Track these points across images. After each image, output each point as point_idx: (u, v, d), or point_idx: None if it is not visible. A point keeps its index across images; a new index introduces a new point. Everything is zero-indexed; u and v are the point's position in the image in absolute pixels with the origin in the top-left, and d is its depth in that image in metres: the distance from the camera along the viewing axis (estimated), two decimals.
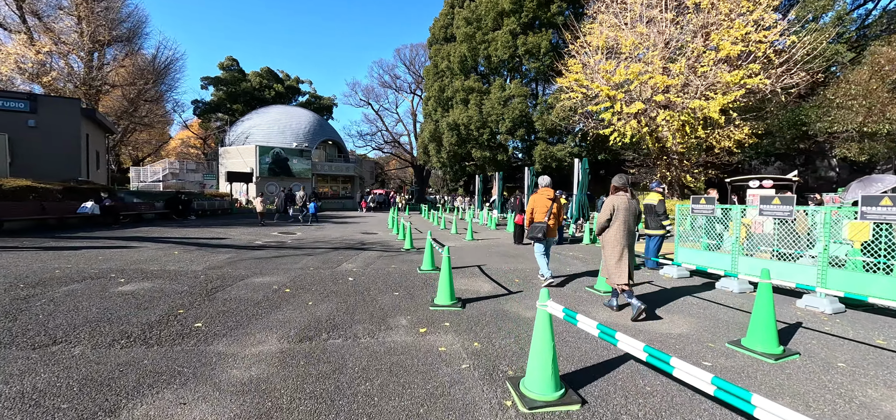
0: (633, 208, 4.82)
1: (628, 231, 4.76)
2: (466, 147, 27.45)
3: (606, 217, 4.79)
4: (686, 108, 16.64)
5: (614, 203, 4.77)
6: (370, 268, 7.79)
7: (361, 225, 19.32)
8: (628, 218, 4.76)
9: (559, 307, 2.68)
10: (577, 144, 24.52)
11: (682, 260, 7.41)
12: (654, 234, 8.10)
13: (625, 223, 4.73)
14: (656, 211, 8.00)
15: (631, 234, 4.81)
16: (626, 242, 4.72)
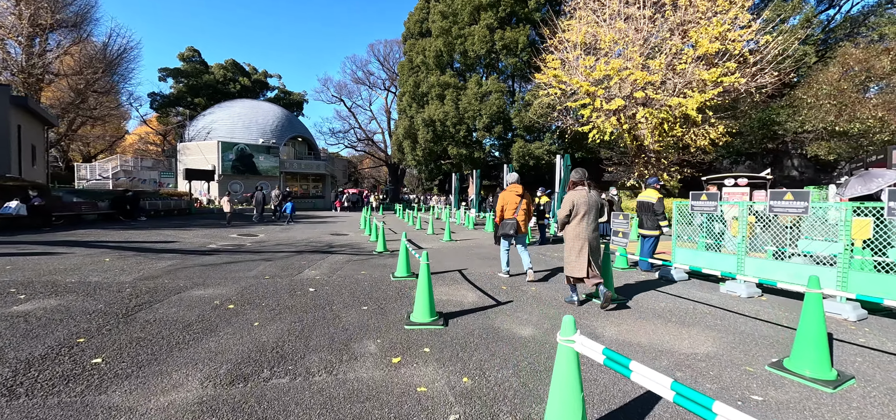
0: (592, 202, 4.83)
1: (589, 225, 4.77)
2: (442, 144, 26.60)
3: (566, 213, 4.86)
4: (665, 105, 16.43)
5: (573, 198, 4.81)
6: (336, 275, 6.81)
7: (332, 225, 18.15)
8: (588, 212, 4.77)
9: (595, 346, 1.86)
10: (554, 142, 24.15)
11: (681, 261, 6.83)
12: (650, 233, 7.51)
13: (585, 218, 4.76)
14: (655, 210, 7.40)
15: (593, 229, 4.80)
16: (587, 236, 4.73)
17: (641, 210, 7.65)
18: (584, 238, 4.73)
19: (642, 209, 7.63)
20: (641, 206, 7.64)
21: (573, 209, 4.81)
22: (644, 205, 7.58)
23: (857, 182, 6.94)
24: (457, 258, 8.86)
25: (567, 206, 4.85)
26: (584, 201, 4.78)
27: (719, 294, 5.82)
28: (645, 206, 7.58)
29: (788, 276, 5.36)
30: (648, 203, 7.52)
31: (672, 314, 4.76)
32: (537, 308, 4.92)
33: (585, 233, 4.73)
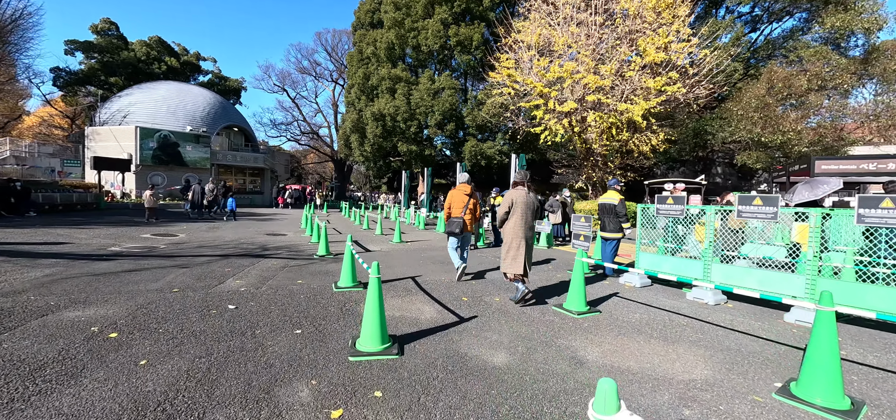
0: (530, 202, 5.04)
1: (526, 224, 4.98)
2: (392, 140, 25.48)
3: (505, 210, 5.00)
4: (614, 110, 16.78)
5: (512, 197, 4.98)
6: (267, 286, 5.72)
7: (270, 223, 16.49)
8: (526, 211, 4.97)
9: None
10: (506, 142, 24.07)
11: (645, 266, 6.57)
12: (611, 236, 7.21)
13: (523, 217, 4.95)
14: (617, 211, 7.11)
15: (529, 227, 5.03)
16: (524, 235, 4.93)
17: (603, 212, 7.34)
18: (522, 236, 4.93)
19: (604, 211, 7.32)
20: (603, 209, 7.34)
21: (512, 207, 4.98)
22: (606, 207, 7.28)
23: (804, 188, 7.11)
24: (409, 263, 8.05)
25: (506, 204, 5.03)
26: (523, 201, 4.97)
27: (687, 302, 5.56)
28: (607, 209, 7.27)
29: (758, 283, 5.19)
30: (610, 205, 7.22)
31: (651, 328, 4.33)
32: (506, 325, 4.27)
33: (523, 231, 4.94)
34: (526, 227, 4.97)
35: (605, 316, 4.74)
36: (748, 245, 7.70)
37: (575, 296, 4.87)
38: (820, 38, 21.13)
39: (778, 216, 5.08)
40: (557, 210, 12.75)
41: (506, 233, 5.08)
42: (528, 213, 5.00)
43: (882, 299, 4.26)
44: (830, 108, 16.12)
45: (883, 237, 4.59)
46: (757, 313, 5.01)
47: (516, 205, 4.97)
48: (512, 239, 4.98)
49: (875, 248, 5.74)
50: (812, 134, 16.69)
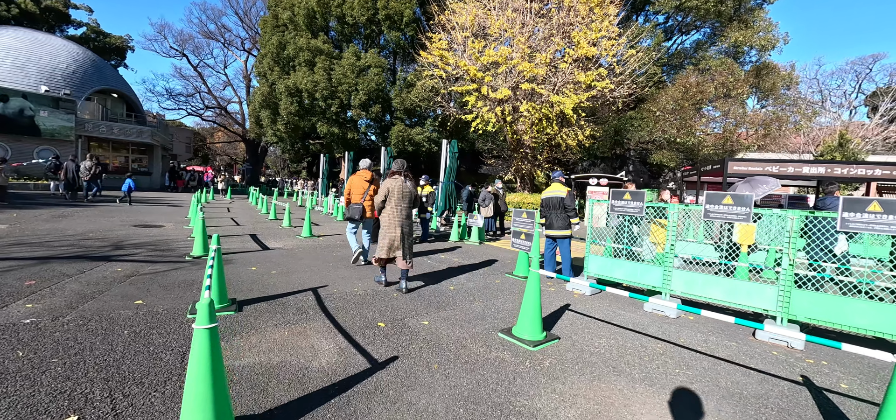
0: (406, 192, 5.13)
1: (402, 212, 5.07)
2: (310, 119, 22.70)
3: (381, 198, 5.06)
4: (546, 101, 16.40)
5: (389, 186, 5.05)
6: (78, 311, 3.73)
7: (150, 212, 13.34)
8: (401, 200, 5.07)
9: None
10: (435, 129, 22.82)
11: (596, 271, 5.72)
12: (561, 234, 6.26)
13: (398, 205, 5.04)
14: (566, 206, 6.17)
15: (405, 216, 5.10)
16: (399, 223, 5.01)
17: (549, 208, 6.37)
18: (397, 224, 5.01)
19: (550, 206, 6.35)
20: (549, 204, 6.37)
21: (387, 196, 5.05)
22: (552, 201, 6.32)
23: (745, 187, 6.85)
24: (315, 265, 6.38)
25: (382, 192, 5.07)
26: (398, 189, 5.06)
27: (648, 315, 4.75)
28: (553, 203, 6.31)
29: (724, 293, 4.52)
30: (558, 198, 6.28)
31: (625, 361, 3.32)
32: (440, 373, 2.94)
33: (397, 219, 5.03)
34: (401, 216, 5.05)
35: (566, 344, 3.66)
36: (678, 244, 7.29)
37: (528, 320, 3.72)
38: (721, 52, 23.06)
39: (741, 215, 4.41)
40: (490, 203, 11.80)
41: (382, 220, 5.13)
42: (404, 202, 5.10)
43: (866, 315, 3.71)
44: (734, 114, 17.46)
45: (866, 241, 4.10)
46: (725, 329, 4.32)
47: (391, 193, 5.03)
48: (386, 227, 5.05)
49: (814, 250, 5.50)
50: (716, 138, 17.96)
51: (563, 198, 6.23)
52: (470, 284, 5.81)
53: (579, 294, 5.70)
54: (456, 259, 7.84)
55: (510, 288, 5.74)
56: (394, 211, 5.04)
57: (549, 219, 6.38)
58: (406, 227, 5.10)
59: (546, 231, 6.46)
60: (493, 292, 5.43)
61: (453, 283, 5.83)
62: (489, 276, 6.41)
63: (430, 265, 7.05)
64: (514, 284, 5.97)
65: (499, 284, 5.90)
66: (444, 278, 6.06)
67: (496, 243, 10.64)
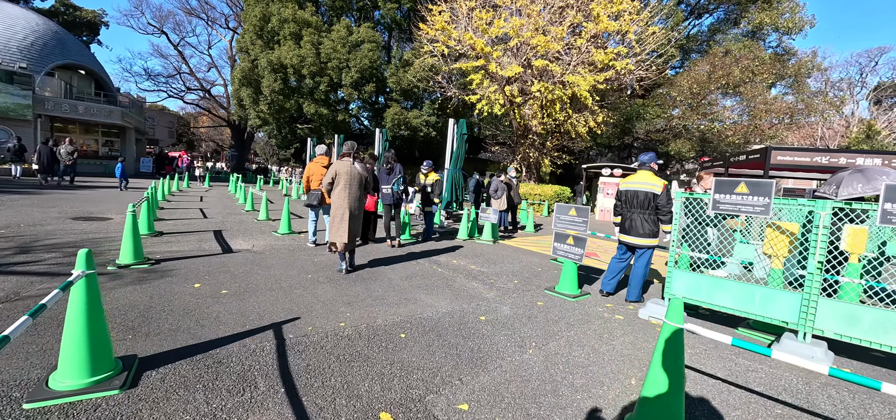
0: (355, 174, 5.00)
1: (351, 195, 4.92)
2: (296, 99, 20.59)
3: (328, 180, 4.93)
4: (559, 81, 14.67)
5: (336, 168, 4.94)
6: None
7: (104, 201, 11.41)
8: (350, 182, 4.93)
9: None
10: (434, 112, 20.96)
11: (682, 292, 4.06)
12: (646, 243, 4.55)
13: (346, 187, 4.91)
14: (659, 204, 4.46)
15: (355, 199, 4.98)
16: (348, 205, 4.89)
17: (631, 205, 4.62)
18: (346, 206, 4.87)
19: (634, 203, 4.60)
20: (632, 199, 4.60)
21: (335, 178, 4.92)
22: (639, 196, 4.55)
23: (856, 179, 5.23)
24: (286, 277, 4.63)
25: (329, 174, 4.94)
26: (346, 172, 4.93)
27: (785, 366, 3.11)
28: (641, 200, 4.54)
29: None
30: (648, 194, 4.52)
31: None
32: None
33: (347, 202, 4.88)
34: (351, 199, 4.93)
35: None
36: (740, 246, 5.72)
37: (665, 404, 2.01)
38: (742, 34, 21.48)
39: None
40: (502, 194, 10.09)
41: (332, 204, 5.00)
42: (354, 185, 4.98)
43: None
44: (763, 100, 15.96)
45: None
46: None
47: (339, 175, 4.92)
48: (335, 209, 4.94)
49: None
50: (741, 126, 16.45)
51: (656, 194, 4.47)
52: (505, 309, 4.12)
53: (656, 321, 4.06)
54: (472, 265, 6.14)
55: (563, 316, 4.06)
56: (342, 194, 4.91)
57: (629, 220, 4.63)
58: (356, 210, 5.00)
59: (622, 235, 4.73)
60: (544, 326, 3.75)
61: (482, 307, 4.13)
62: (526, 295, 4.71)
63: (443, 274, 5.34)
64: (564, 309, 4.29)
65: (544, 310, 4.21)
66: (465, 299, 4.35)
67: (511, 242, 8.97)
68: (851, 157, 11.04)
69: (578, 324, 3.89)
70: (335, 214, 4.94)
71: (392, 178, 7.10)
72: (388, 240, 7.24)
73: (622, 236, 4.73)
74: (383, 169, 7.19)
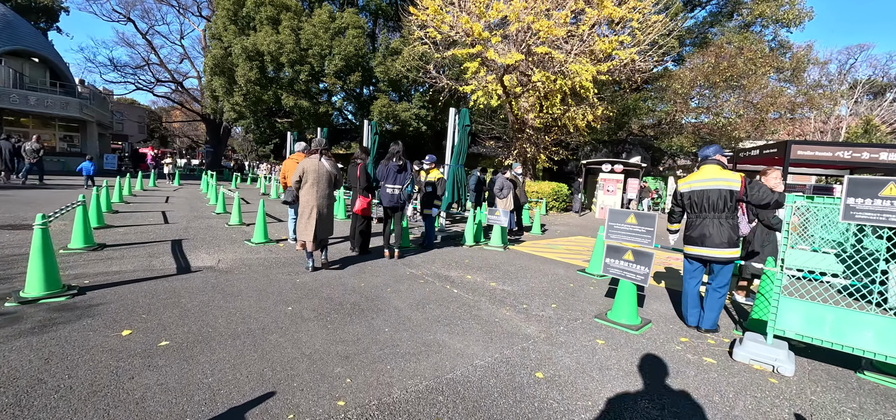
0: (322, 171, 4.88)
1: (318, 193, 4.81)
2: (274, 90, 18.96)
3: (296, 178, 4.83)
4: (560, 71, 13.67)
5: (304, 166, 4.83)
6: None
7: (49, 202, 9.82)
8: (318, 180, 4.83)
9: None
10: (424, 105, 19.69)
11: (800, 327, 3.04)
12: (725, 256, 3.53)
13: (314, 185, 4.81)
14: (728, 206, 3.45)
15: (323, 197, 4.86)
16: (315, 203, 4.78)
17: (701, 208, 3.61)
18: (313, 204, 4.78)
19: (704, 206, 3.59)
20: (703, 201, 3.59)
21: (303, 176, 4.80)
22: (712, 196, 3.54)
23: None
24: (258, 313, 3.40)
25: (298, 172, 4.84)
26: (314, 170, 4.82)
27: None
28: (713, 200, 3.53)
29: None
30: (722, 192, 3.50)
31: None
32: None
33: (314, 200, 4.79)
34: (318, 196, 4.81)
35: None
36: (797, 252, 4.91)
37: None
38: (737, 27, 20.95)
39: None
40: (508, 193, 9.00)
41: (300, 201, 4.87)
42: (322, 182, 4.86)
43: None
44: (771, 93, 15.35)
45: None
46: None
47: (306, 173, 4.79)
48: (303, 207, 4.83)
49: None
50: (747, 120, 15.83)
51: (732, 191, 3.46)
52: (562, 356, 3.01)
53: (761, 367, 3.04)
54: (491, 281, 5.02)
55: (644, 364, 2.97)
56: (310, 192, 4.80)
57: (700, 227, 3.60)
58: (325, 209, 4.90)
59: (691, 248, 3.69)
60: (625, 381, 2.66)
61: (530, 354, 3.01)
62: (576, 329, 3.62)
63: (461, 298, 4.20)
64: (634, 350, 3.22)
65: (613, 353, 3.12)
66: (502, 338, 3.22)
67: (522, 247, 7.91)
68: (874, 152, 10.39)
69: (667, 375, 2.82)
70: (303, 213, 4.84)
71: (404, 177, 5.91)
72: (386, 251, 6.05)
73: (692, 249, 3.69)
74: (389, 166, 5.88)
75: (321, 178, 4.86)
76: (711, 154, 3.66)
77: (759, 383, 2.84)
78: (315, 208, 4.79)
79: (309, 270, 4.93)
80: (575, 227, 12.26)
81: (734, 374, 2.97)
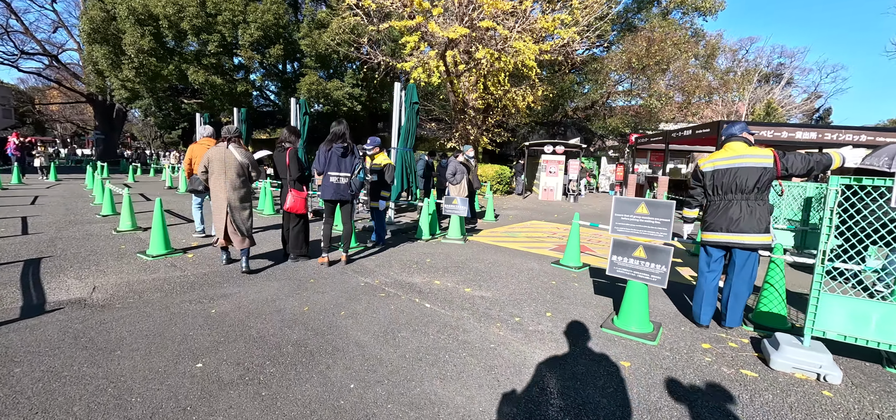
0: (230, 161, 4.39)
1: (228, 184, 4.38)
2: (177, 63, 15.99)
3: (202, 169, 4.47)
4: (504, 49, 13.12)
5: (209, 156, 4.43)
6: None
7: None
8: (226, 169, 4.38)
9: None
10: (358, 83, 18.05)
11: (844, 326, 2.65)
12: (755, 242, 3.11)
13: (222, 176, 4.39)
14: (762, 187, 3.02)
15: (233, 188, 4.40)
16: (226, 196, 4.37)
17: (726, 188, 3.18)
18: (223, 197, 4.38)
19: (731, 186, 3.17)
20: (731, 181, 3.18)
21: (208, 167, 4.42)
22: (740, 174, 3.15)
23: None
24: (146, 386, 2.21)
25: (203, 163, 4.45)
26: (220, 159, 4.37)
27: None
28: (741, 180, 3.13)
29: None
30: (760, 169, 3.08)
31: None
32: None
33: (223, 192, 4.36)
34: (228, 188, 4.37)
35: None
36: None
37: None
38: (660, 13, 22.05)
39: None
40: (462, 178, 8.24)
41: (211, 194, 4.49)
42: (231, 172, 4.38)
43: None
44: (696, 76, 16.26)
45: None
46: None
47: (211, 163, 4.39)
48: (213, 201, 4.46)
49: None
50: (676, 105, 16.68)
51: (765, 168, 3.00)
52: (600, 399, 2.29)
53: (803, 376, 2.62)
54: (465, 286, 4.22)
55: (685, 393, 2.36)
56: (217, 183, 4.37)
57: (725, 211, 3.12)
58: (235, 201, 4.40)
59: (714, 235, 3.18)
60: None
61: (552, 394, 2.25)
62: (588, 349, 2.94)
63: (437, 315, 3.32)
64: (662, 367, 2.61)
65: (643, 379, 2.47)
66: (509, 373, 2.42)
67: (481, 238, 7.22)
68: (791, 131, 11.29)
69: (722, 405, 2.23)
70: (213, 207, 4.48)
71: (352, 163, 4.78)
72: (325, 255, 4.91)
73: (716, 236, 3.21)
74: (332, 150, 4.73)
75: (228, 168, 4.36)
76: (738, 131, 3.22)
77: (815, 399, 2.38)
78: (225, 202, 4.36)
79: (223, 263, 4.61)
80: (524, 210, 11.91)
81: (783, 388, 2.48)
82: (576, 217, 5.52)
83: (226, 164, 4.39)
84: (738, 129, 3.23)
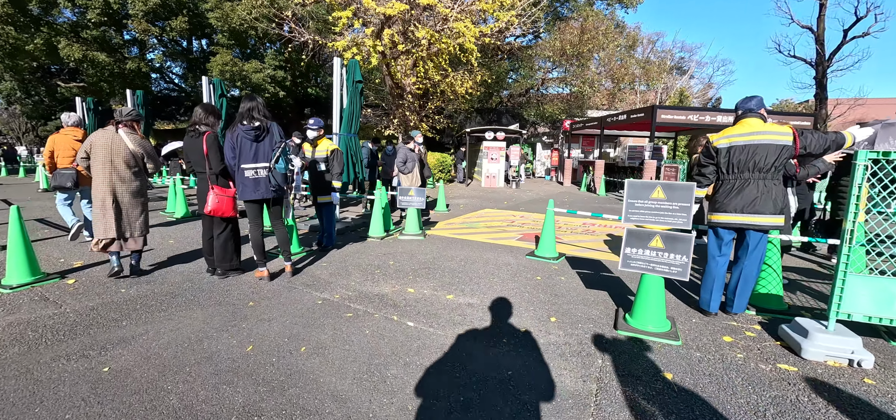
0: (118, 148, 3.78)
1: (115, 174, 3.78)
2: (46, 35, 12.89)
3: (82, 156, 3.81)
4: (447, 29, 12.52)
5: (91, 140, 3.79)
6: None
7: None
8: (112, 157, 3.76)
9: None
10: (281, 65, 16.16)
11: (871, 307, 2.50)
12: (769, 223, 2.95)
13: (106, 164, 3.75)
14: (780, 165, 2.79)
15: (121, 179, 3.81)
16: (110, 189, 3.77)
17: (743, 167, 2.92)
18: (106, 190, 3.76)
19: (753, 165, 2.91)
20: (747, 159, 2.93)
21: (89, 154, 3.76)
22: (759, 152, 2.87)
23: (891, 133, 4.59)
24: None
25: (84, 148, 3.80)
26: (104, 145, 3.74)
27: None
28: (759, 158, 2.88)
29: None
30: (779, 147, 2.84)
31: None
32: None
33: (107, 184, 3.75)
34: (115, 179, 3.78)
35: None
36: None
37: None
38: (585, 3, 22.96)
39: None
40: (413, 167, 7.56)
41: (92, 188, 3.83)
42: (119, 161, 3.77)
43: None
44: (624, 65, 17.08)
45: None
46: None
47: (94, 149, 3.74)
48: (95, 196, 3.80)
49: None
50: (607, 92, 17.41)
51: (784, 145, 2.74)
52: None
53: (836, 364, 2.44)
54: (444, 291, 3.59)
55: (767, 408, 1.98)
56: (100, 174, 3.73)
57: (743, 189, 2.85)
58: (124, 195, 3.83)
59: (726, 216, 2.89)
60: None
61: None
62: (630, 368, 2.48)
63: (421, 332, 2.67)
64: (704, 372, 2.23)
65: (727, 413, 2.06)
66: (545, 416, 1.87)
67: (439, 231, 6.62)
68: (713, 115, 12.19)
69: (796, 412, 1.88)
70: (95, 203, 3.81)
71: (271, 147, 3.75)
72: (262, 269, 3.92)
73: (729, 217, 2.94)
74: (237, 132, 3.62)
75: (115, 156, 3.74)
76: (755, 107, 2.93)
77: (859, 388, 2.15)
78: (109, 195, 3.74)
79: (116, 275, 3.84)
80: (472, 199, 11.52)
81: (825, 380, 2.23)
82: (550, 204, 5.13)
83: (110, 150, 3.72)
84: (754, 104, 2.96)
